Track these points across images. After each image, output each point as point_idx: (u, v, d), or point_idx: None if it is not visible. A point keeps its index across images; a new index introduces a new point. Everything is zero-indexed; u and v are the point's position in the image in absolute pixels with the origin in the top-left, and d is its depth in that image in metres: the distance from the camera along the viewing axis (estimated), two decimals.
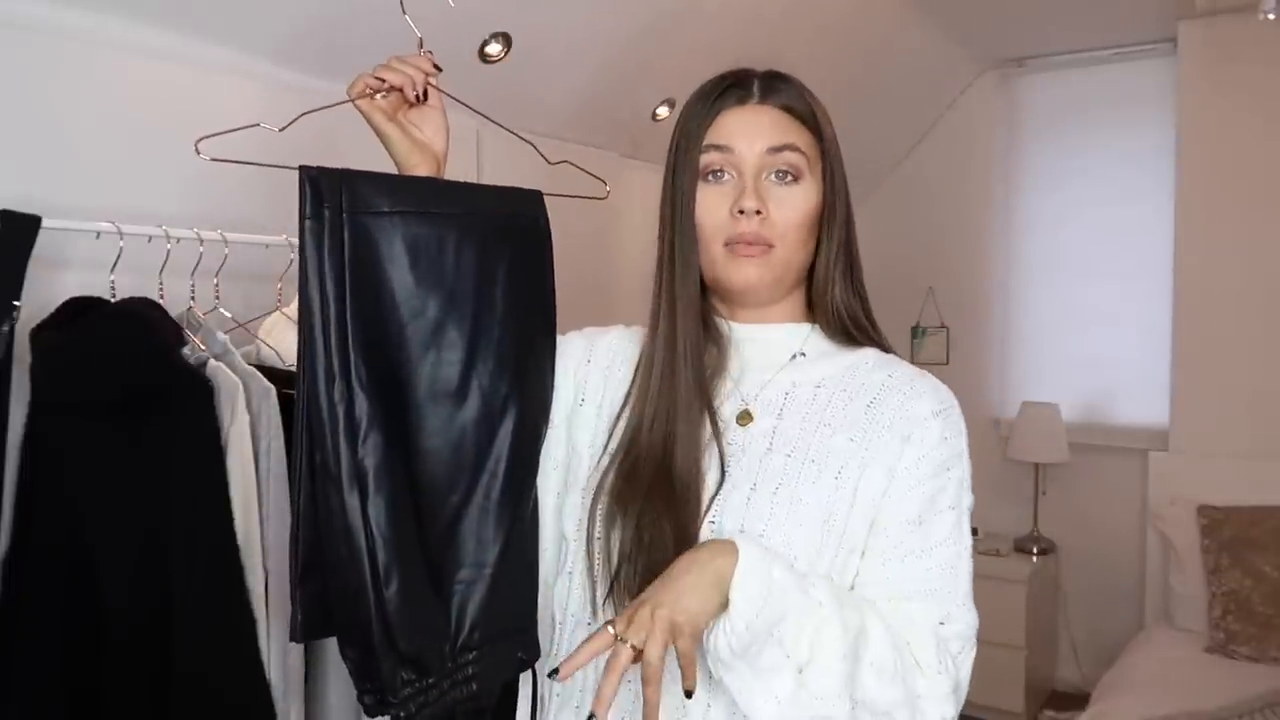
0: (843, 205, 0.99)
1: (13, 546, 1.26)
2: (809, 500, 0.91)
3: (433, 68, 1.05)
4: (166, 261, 1.41)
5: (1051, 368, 3.72)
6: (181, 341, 1.37)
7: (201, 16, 1.65)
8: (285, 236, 1.56)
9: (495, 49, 2.13)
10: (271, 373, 1.44)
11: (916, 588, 0.92)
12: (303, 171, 0.90)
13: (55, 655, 1.25)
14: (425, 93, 1.05)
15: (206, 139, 1.01)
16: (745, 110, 0.97)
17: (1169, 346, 3.30)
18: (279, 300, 1.61)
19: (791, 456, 0.94)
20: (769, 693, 0.84)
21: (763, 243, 0.95)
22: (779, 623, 0.83)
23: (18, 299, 1.24)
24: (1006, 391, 3.78)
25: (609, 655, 0.79)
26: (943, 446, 0.94)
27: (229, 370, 1.38)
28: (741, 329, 1.02)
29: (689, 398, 0.96)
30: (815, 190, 0.97)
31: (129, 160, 1.60)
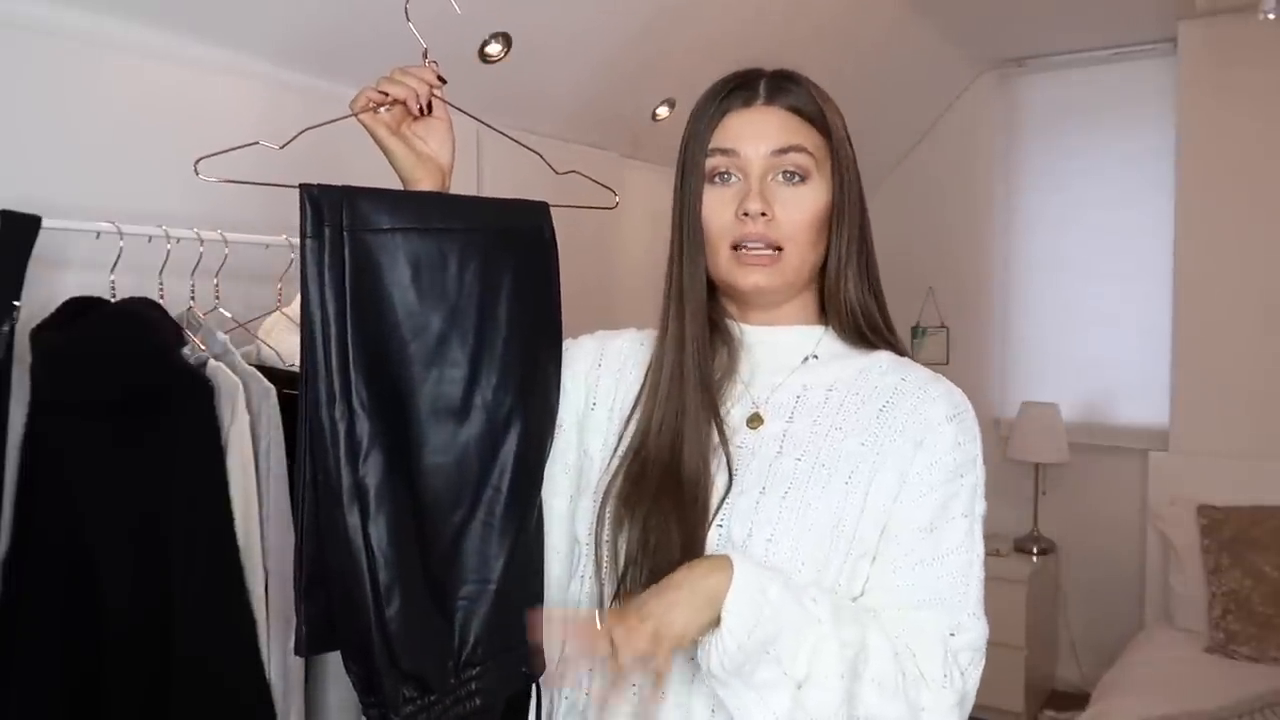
0: (855, 204, 0.97)
1: (13, 546, 1.26)
2: (818, 505, 0.90)
3: (437, 79, 1.04)
4: (166, 261, 1.41)
5: (1051, 368, 3.72)
6: (181, 341, 1.37)
7: (202, 17, 1.65)
8: (285, 237, 1.56)
9: (495, 49, 2.13)
10: (271, 373, 1.43)
11: (926, 596, 0.90)
12: (303, 190, 0.90)
13: (55, 655, 1.25)
14: (430, 105, 1.03)
15: (206, 159, 1.01)
16: (751, 112, 0.96)
17: (1169, 346, 3.30)
18: (279, 300, 1.61)
19: (801, 460, 0.93)
20: (766, 709, 0.83)
21: (770, 245, 0.94)
22: (774, 641, 0.82)
23: (18, 299, 1.24)
24: (1006, 391, 3.78)
25: (595, 643, 0.81)
26: (956, 452, 0.93)
27: (229, 370, 1.38)
28: (752, 331, 1.01)
29: (696, 401, 0.96)
30: (824, 190, 0.96)
31: (129, 160, 1.60)
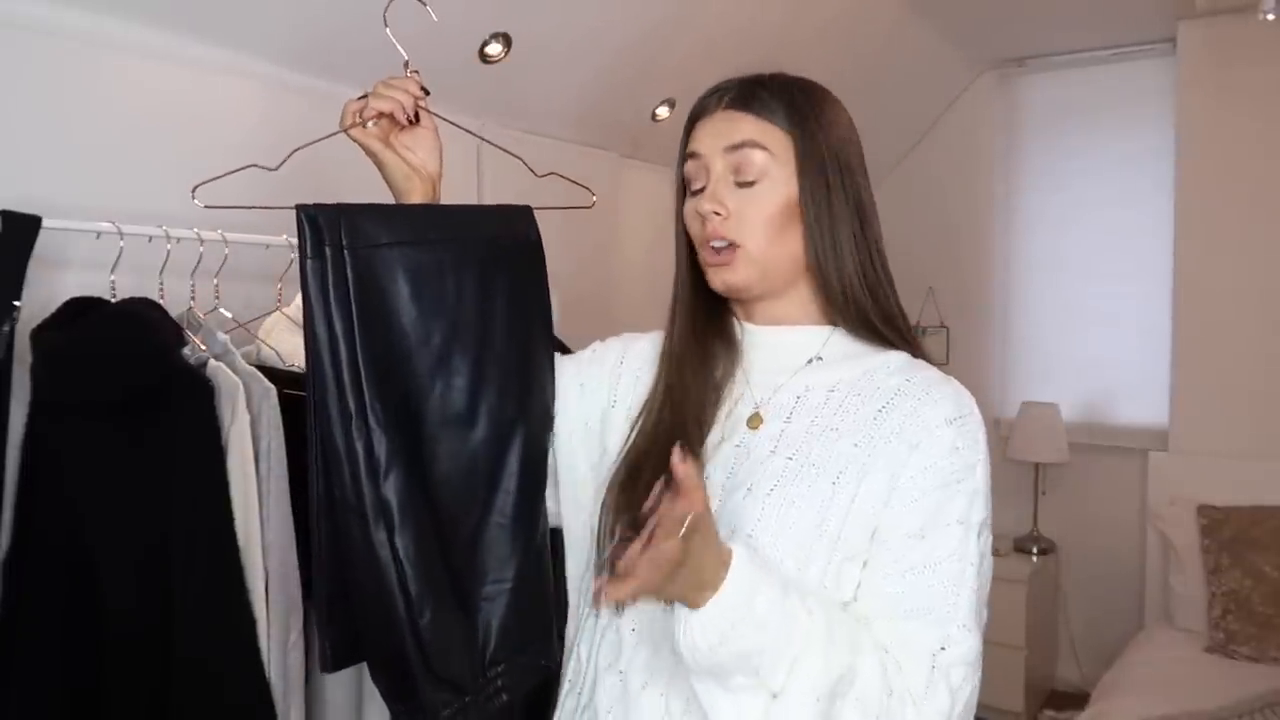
0: (838, 199, 0.96)
1: (13, 547, 1.26)
2: (802, 503, 0.90)
3: (420, 90, 1.05)
4: (166, 261, 1.41)
5: (1051, 368, 3.72)
6: (182, 342, 1.37)
7: (202, 17, 1.65)
8: (285, 237, 1.56)
9: (495, 49, 2.13)
10: (272, 373, 1.43)
11: (915, 606, 0.87)
12: (300, 211, 0.91)
13: (55, 655, 1.25)
14: (416, 115, 1.06)
15: (203, 185, 1.02)
16: (715, 116, 0.99)
17: (1169, 346, 3.30)
18: (279, 300, 1.61)
19: (793, 459, 0.92)
20: (738, 710, 0.82)
21: (728, 242, 0.96)
22: (752, 654, 0.80)
23: (18, 299, 1.24)
24: (1006, 391, 3.79)
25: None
26: (953, 457, 0.90)
27: (229, 370, 1.38)
28: (756, 331, 1.02)
29: (695, 399, 0.98)
30: (785, 187, 0.95)
31: (129, 160, 1.60)
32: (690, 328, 1.01)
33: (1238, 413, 3.15)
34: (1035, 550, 3.50)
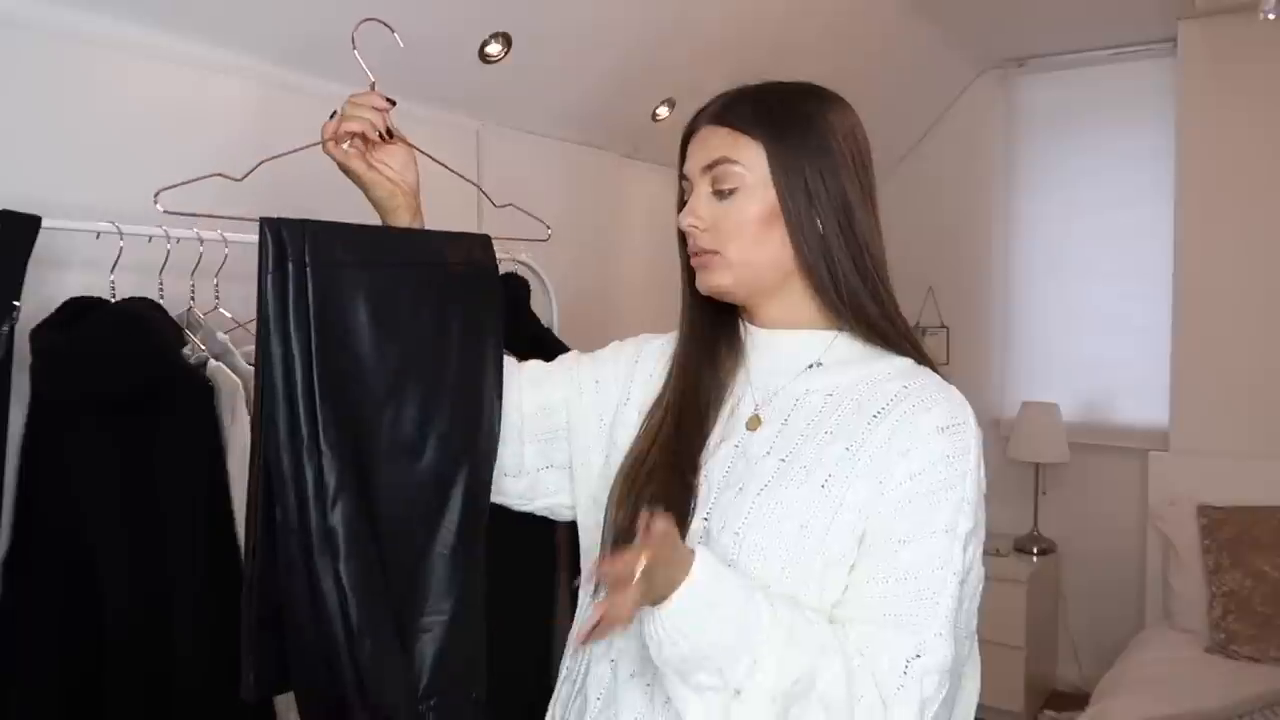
0: (820, 200, 0.96)
1: (13, 546, 1.26)
2: (788, 505, 0.91)
3: (386, 101, 1.08)
4: (166, 261, 1.41)
5: (1051, 368, 3.72)
6: (182, 342, 1.37)
7: (202, 17, 1.65)
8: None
9: (495, 49, 2.13)
10: None
11: (893, 612, 0.87)
12: (263, 223, 0.90)
13: (55, 655, 1.25)
14: (389, 131, 1.08)
15: (166, 190, 1.02)
16: (700, 133, 1.01)
17: (1169, 346, 3.29)
18: None
19: (785, 461, 0.94)
20: (701, 708, 0.83)
21: (708, 252, 0.99)
22: (710, 656, 0.81)
23: (18, 299, 1.24)
24: (1006, 391, 3.78)
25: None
26: (943, 465, 0.90)
27: (229, 370, 1.38)
28: (760, 334, 1.04)
29: (698, 399, 1.01)
30: (761, 195, 0.97)
31: (129, 160, 1.59)
32: (694, 329, 1.04)
33: (1238, 413, 3.15)
34: (1035, 550, 3.50)
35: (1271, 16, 2.54)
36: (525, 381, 1.11)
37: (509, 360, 1.11)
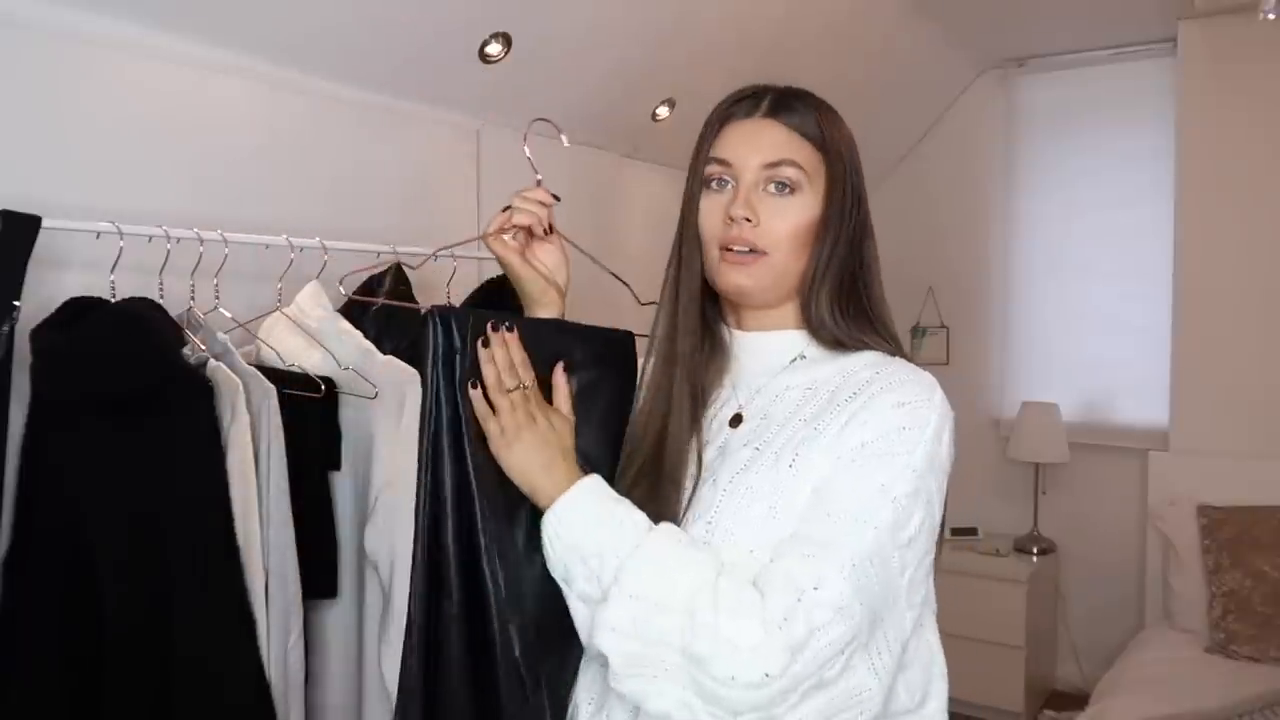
0: (845, 225, 0.99)
1: (13, 546, 1.26)
2: (757, 489, 0.92)
3: (552, 198, 1.10)
4: (166, 261, 1.41)
5: (1051, 368, 3.72)
6: (182, 342, 1.37)
7: (202, 17, 1.65)
8: (285, 237, 1.56)
9: (495, 49, 2.13)
10: (272, 373, 1.44)
11: (799, 553, 0.86)
12: (432, 312, 0.94)
13: (55, 655, 1.25)
14: (551, 226, 1.10)
15: (350, 275, 1.03)
16: (750, 123, 1.00)
17: (1169, 346, 3.29)
18: (279, 300, 1.61)
19: (759, 450, 0.95)
20: (585, 612, 0.90)
21: (753, 249, 0.97)
22: (587, 553, 0.89)
23: (18, 299, 1.24)
24: (1006, 391, 3.78)
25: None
26: (895, 435, 0.91)
27: (229, 370, 1.38)
28: (743, 336, 1.05)
29: (683, 396, 1.01)
30: (814, 205, 0.98)
31: (129, 160, 1.60)
32: (692, 322, 1.03)
33: (1238, 413, 3.15)
34: (1035, 550, 3.50)
35: (1271, 16, 2.54)
36: None
37: None
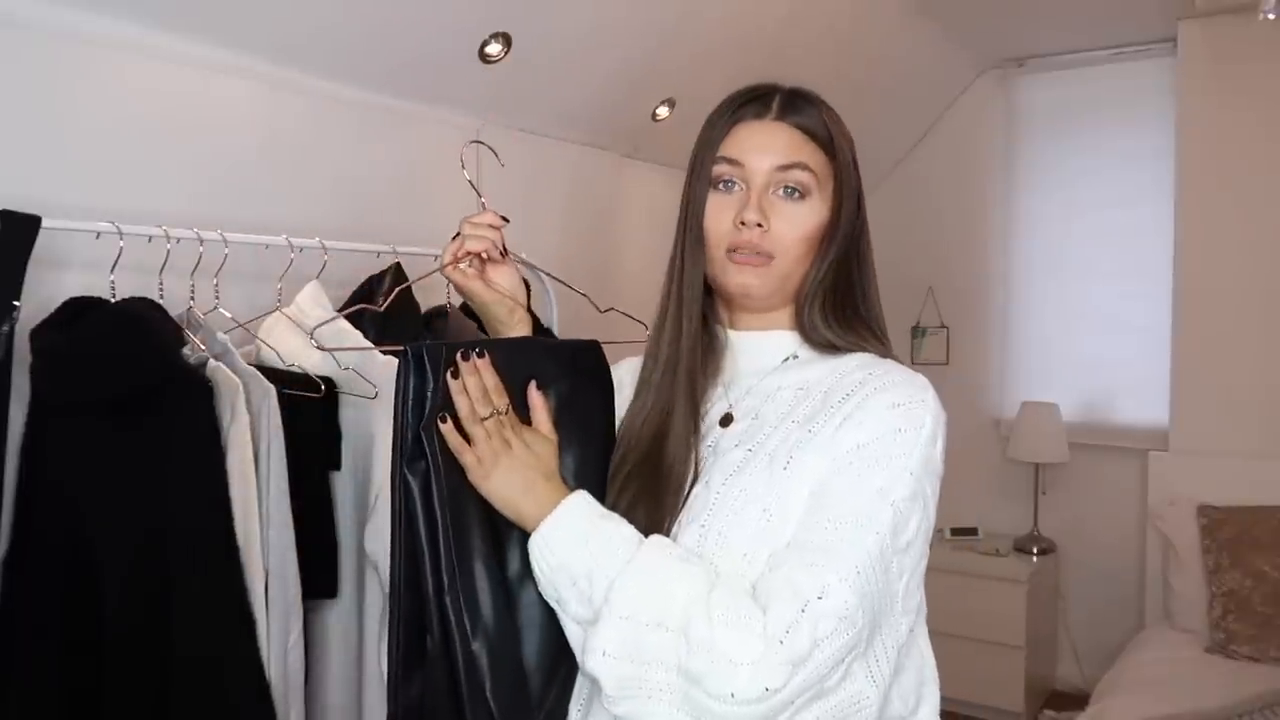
0: (846, 228, 1.00)
1: (13, 546, 1.26)
2: (751, 491, 0.91)
3: (501, 220, 1.11)
4: (166, 261, 1.41)
5: (1051, 368, 3.72)
6: (182, 342, 1.37)
7: (202, 17, 1.65)
8: (285, 237, 1.56)
9: (495, 49, 2.13)
10: (272, 373, 1.43)
11: (804, 559, 0.84)
12: (405, 353, 0.93)
13: (55, 655, 1.25)
14: (505, 249, 1.11)
15: (320, 328, 1.03)
16: (760, 125, 0.99)
17: (1169, 346, 3.29)
18: (279, 300, 1.61)
19: (751, 451, 0.95)
20: (579, 634, 0.87)
21: (762, 254, 0.97)
22: (576, 573, 0.87)
23: (18, 299, 1.24)
24: (1006, 391, 3.78)
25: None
26: (891, 437, 0.90)
27: (229, 370, 1.38)
28: (737, 336, 1.05)
29: (681, 396, 1.00)
30: (822, 209, 0.99)
31: (129, 160, 1.60)
32: (694, 323, 1.03)
33: (1238, 413, 3.15)
34: (1035, 550, 3.50)
35: (1271, 16, 2.54)
36: None
37: None
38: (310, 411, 1.47)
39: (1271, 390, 3.10)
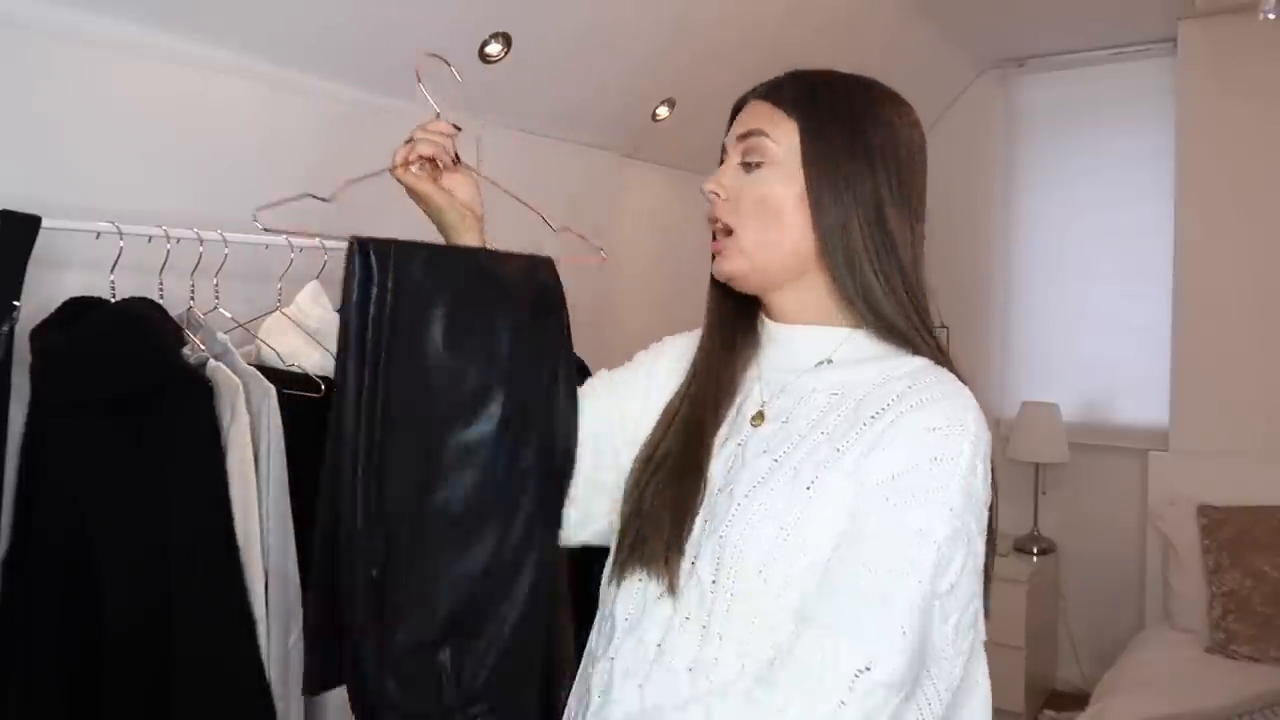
0: (849, 189, 0.95)
1: (13, 546, 1.26)
2: (770, 506, 0.88)
3: (453, 128, 1.10)
4: (166, 261, 1.41)
5: (1051, 368, 3.72)
6: (182, 342, 1.37)
7: (203, 18, 1.65)
8: (285, 237, 1.56)
9: (495, 49, 2.13)
10: (272, 373, 1.44)
11: (843, 618, 0.82)
12: (354, 243, 0.92)
13: (55, 655, 1.25)
14: (457, 156, 1.10)
15: (265, 209, 1.04)
16: (745, 108, 1.01)
17: (1169, 346, 3.29)
18: (279, 300, 1.61)
19: (777, 462, 0.91)
20: None
21: (724, 229, 0.97)
22: None
23: (18, 299, 1.24)
24: (1006, 391, 3.78)
25: None
26: (928, 467, 0.85)
27: (229, 371, 1.38)
28: (775, 328, 1.02)
29: (712, 392, 1.00)
30: (785, 177, 0.95)
31: (129, 160, 1.59)
32: (715, 321, 1.04)
33: (1238, 413, 3.15)
34: (1035, 550, 3.50)
35: (1271, 16, 2.54)
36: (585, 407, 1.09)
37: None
38: (310, 411, 1.47)
39: (1271, 390, 3.10)
